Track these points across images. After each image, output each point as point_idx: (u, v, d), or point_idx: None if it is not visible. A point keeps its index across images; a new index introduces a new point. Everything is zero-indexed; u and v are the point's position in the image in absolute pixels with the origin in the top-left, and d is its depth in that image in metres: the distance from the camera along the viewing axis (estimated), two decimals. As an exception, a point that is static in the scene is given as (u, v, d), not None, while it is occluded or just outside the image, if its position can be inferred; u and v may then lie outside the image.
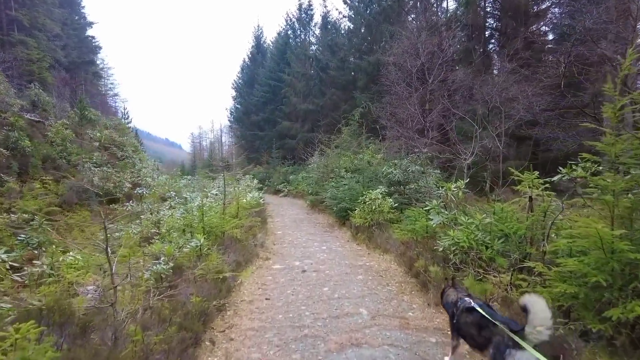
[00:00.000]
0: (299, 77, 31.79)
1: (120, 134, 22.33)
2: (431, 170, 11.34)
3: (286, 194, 24.14)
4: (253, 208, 10.26)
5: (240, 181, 18.97)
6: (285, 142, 31.83)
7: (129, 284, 4.54)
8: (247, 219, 8.76)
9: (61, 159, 15.57)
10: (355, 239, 9.24)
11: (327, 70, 28.14)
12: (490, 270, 5.20)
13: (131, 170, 19.35)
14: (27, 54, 25.66)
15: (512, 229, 5.02)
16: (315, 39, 34.65)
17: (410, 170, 11.20)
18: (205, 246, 6.18)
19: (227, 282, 5.35)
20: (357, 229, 9.35)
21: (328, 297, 5.28)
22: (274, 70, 35.99)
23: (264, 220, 11.29)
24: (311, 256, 7.83)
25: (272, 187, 27.12)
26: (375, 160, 13.89)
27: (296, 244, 9.03)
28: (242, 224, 8.22)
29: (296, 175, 25.19)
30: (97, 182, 14.94)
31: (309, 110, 29.76)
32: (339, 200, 11.24)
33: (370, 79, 24.92)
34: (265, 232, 9.94)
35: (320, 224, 12.07)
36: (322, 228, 11.25)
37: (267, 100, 36.04)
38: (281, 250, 8.39)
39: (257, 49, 42.94)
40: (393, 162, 11.85)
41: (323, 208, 14.08)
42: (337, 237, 9.91)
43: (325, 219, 13.06)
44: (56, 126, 16.15)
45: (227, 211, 8.46)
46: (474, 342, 2.93)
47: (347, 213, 10.87)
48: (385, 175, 11.49)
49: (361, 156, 14.30)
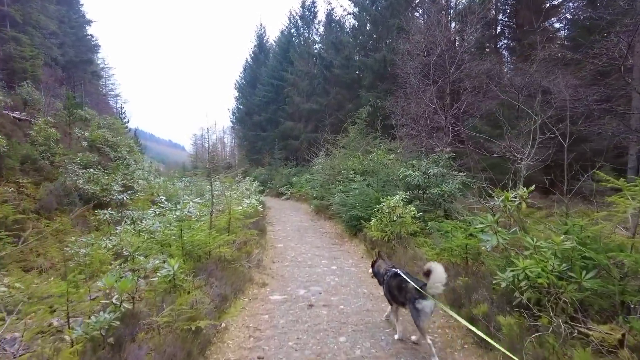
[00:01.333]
0: (302, 76, 30.22)
1: (114, 134, 20.70)
2: (455, 172, 9.66)
3: (289, 197, 22.47)
4: (250, 218, 8.57)
5: (240, 184, 17.34)
6: (288, 142, 30.23)
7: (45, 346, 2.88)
8: (241, 232, 7.08)
9: (43, 160, 13.94)
10: (370, 256, 7.55)
11: (331, 68, 26.60)
12: (582, 318, 3.52)
13: (124, 172, 17.74)
14: (19, 50, 24.12)
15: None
16: (318, 37, 33.11)
17: (431, 173, 9.52)
18: (181, 273, 4.51)
19: (203, 335, 3.68)
20: (373, 243, 7.67)
21: (347, 356, 3.60)
22: (276, 70, 34.38)
23: (263, 230, 9.62)
24: (319, 280, 6.14)
25: (274, 190, 25.45)
26: (387, 161, 12.22)
27: (300, 262, 7.35)
28: (233, 239, 6.55)
29: (299, 177, 23.55)
30: (82, 185, 13.31)
31: (313, 109, 28.20)
32: (349, 208, 9.56)
33: (376, 77, 23.53)
34: (264, 246, 8.26)
35: (327, 233, 10.38)
36: (329, 239, 9.57)
37: (269, 100, 34.44)
38: (282, 271, 6.71)
39: (259, 48, 41.33)
40: (410, 163, 10.16)
41: (330, 214, 12.40)
42: (348, 252, 8.23)
43: (332, 227, 11.38)
44: (39, 124, 14.52)
45: (216, 223, 6.80)
46: (399, 300, 3.92)
47: (360, 223, 9.18)
48: (403, 179, 9.81)
49: (372, 156, 12.62)
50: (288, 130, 30.11)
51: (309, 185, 18.96)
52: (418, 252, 6.40)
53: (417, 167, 10.04)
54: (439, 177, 9.50)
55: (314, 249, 8.44)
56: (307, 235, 10.05)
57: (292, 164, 28.24)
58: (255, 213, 9.21)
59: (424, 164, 9.84)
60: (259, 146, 35.19)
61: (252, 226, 8.11)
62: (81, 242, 7.59)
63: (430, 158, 10.12)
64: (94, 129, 19.02)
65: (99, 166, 16.71)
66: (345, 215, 9.67)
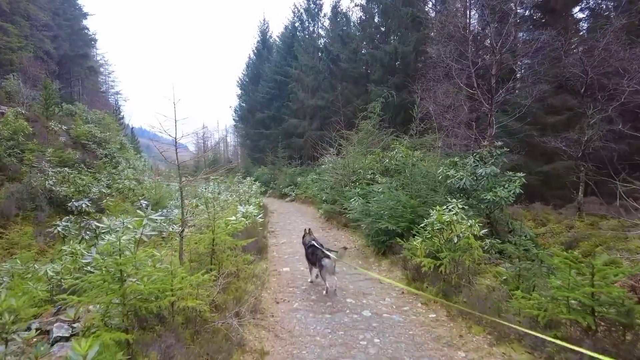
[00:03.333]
0: (307, 70, 27.82)
1: (103, 130, 18.36)
2: (510, 172, 7.24)
3: (293, 199, 20.07)
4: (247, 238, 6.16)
5: (239, 185, 14.99)
6: (292, 141, 27.82)
7: None
8: (229, 260, 4.68)
9: (10, 157, 11.60)
10: (412, 293, 5.15)
11: (338, 62, 24.29)
12: None
13: (111, 171, 15.40)
14: (6, 41, 21.80)
15: None
16: (324, 31, 30.60)
17: (481, 173, 7.11)
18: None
19: None
20: (419, 272, 5.27)
21: None
22: (280, 65, 31.95)
23: (264, 248, 7.22)
24: (349, 343, 3.72)
25: (277, 191, 23.08)
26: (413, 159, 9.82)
27: (315, 301, 4.91)
28: (216, 275, 4.16)
29: (304, 177, 21.14)
30: (52, 187, 10.97)
31: (318, 106, 25.83)
32: (374, 218, 7.14)
33: (386, 71, 21.35)
34: (264, 273, 5.84)
35: (346, 250, 7.95)
36: (350, 259, 7.14)
37: (272, 96, 32.01)
38: (289, 321, 4.30)
39: (262, 44, 38.80)
40: (452, 161, 7.74)
41: (344, 222, 10.03)
42: (380, 282, 5.79)
43: (350, 239, 8.99)
44: (6, 116, 12.16)
45: (193, 249, 4.43)
46: (313, 261, 5.39)
47: (390, 238, 6.80)
48: (443, 180, 7.41)
49: (393, 154, 10.18)
50: (292, 128, 27.72)
51: (315, 186, 16.58)
52: (502, 304, 4.01)
53: (461, 165, 7.63)
54: (491, 179, 7.10)
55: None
56: None
57: (296, 163, 25.87)
58: (253, 228, 6.82)
59: (471, 161, 7.43)
60: (261, 145, 32.76)
61: (248, 245, 5.70)
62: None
63: (476, 154, 7.69)
64: (79, 124, 16.64)
65: (82, 165, 14.42)
66: (369, 227, 7.25)
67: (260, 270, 5.80)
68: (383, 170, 10.43)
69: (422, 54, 20.03)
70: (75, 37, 31.36)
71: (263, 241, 7.60)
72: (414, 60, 20.09)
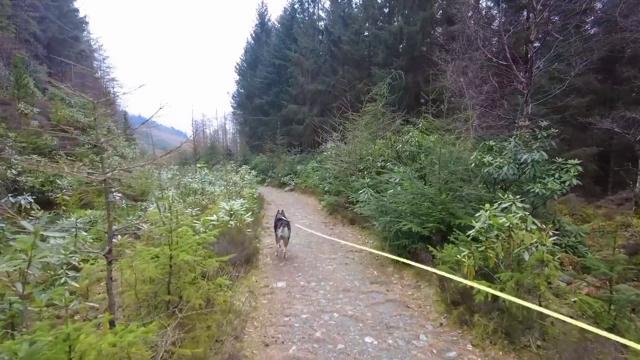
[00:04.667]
0: (307, 53, 25.94)
1: (88, 114, 16.67)
2: (559, 159, 5.65)
3: (293, 188, 18.49)
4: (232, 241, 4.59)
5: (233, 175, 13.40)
6: (291, 127, 26.12)
7: None
8: (193, 289, 3.13)
9: (-31, 143, 9.99)
10: (456, 325, 3.63)
11: (339, 44, 22.45)
12: None
13: (91, 159, 13.79)
14: (-16, 20, 19.91)
15: None
16: (325, 12, 28.60)
17: (526, 160, 5.54)
18: None
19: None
20: (463, 296, 3.75)
21: None
22: (279, 49, 29.96)
23: (253, 254, 5.66)
24: None
25: (276, 179, 21.48)
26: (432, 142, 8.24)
27: (320, 342, 3.42)
28: (165, 323, 2.62)
29: (304, 165, 19.54)
30: (14, 177, 9.40)
31: (319, 91, 24.08)
32: (392, 216, 5.58)
33: (391, 53, 19.60)
34: (250, 290, 4.31)
35: (356, 255, 6.40)
36: (363, 269, 5.52)
37: (271, 81, 30.12)
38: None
39: (261, 27, 36.61)
40: (487, 145, 6.14)
41: (351, 217, 8.50)
42: (407, 305, 4.22)
43: (359, 238, 7.46)
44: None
45: (141, 269, 2.88)
46: (276, 229, 6.13)
47: (414, 242, 5.26)
48: (478, 168, 5.83)
49: (407, 137, 8.55)
50: (291, 114, 25.97)
51: (316, 175, 15.00)
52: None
53: (499, 151, 6.05)
54: (537, 167, 5.52)
55: (340, 295, 4.49)
56: (324, 260, 6.06)
57: (296, 151, 24.24)
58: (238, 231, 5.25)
59: (511, 145, 5.84)
60: (260, 132, 30.99)
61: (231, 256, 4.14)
62: None
63: (515, 136, 6.08)
64: (59, 108, 14.95)
65: (61, 152, 12.81)
66: (386, 228, 5.66)
67: (246, 289, 4.27)
68: (395, 157, 8.83)
69: (429, 34, 18.42)
70: (64, 19, 29.27)
71: (254, 244, 6.03)
72: (420, 41, 18.42)
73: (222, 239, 4.47)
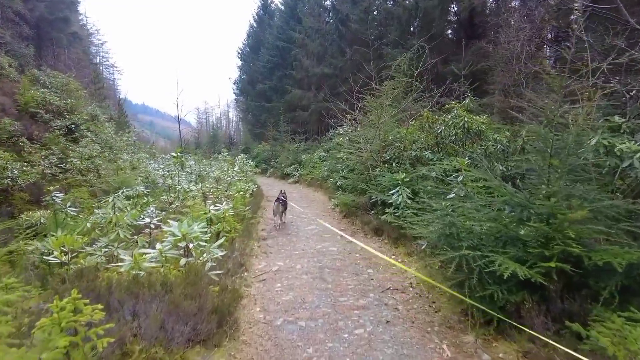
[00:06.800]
0: (312, 34, 23.33)
1: (67, 96, 14.33)
2: None
3: (297, 180, 16.16)
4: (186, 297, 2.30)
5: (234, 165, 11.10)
6: (295, 114, 23.68)
7: None
8: None
9: None
10: None
11: (347, 23, 19.97)
12: None
13: (67, 147, 11.52)
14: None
15: None
16: (331, -8, 25.86)
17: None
18: None
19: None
20: None
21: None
22: (282, 30, 27.27)
23: (238, 295, 3.35)
24: None
25: (278, 170, 19.16)
26: (484, 125, 5.86)
27: None
28: None
29: (310, 154, 17.18)
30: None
31: (325, 74, 21.60)
32: (470, 245, 3.23)
33: (405, 30, 17.01)
34: None
35: (396, 294, 4.07)
36: (418, 336, 3.22)
37: (274, 65, 27.51)
38: None
39: (264, 9, 33.73)
40: (613, 123, 3.73)
41: (375, 225, 6.17)
42: None
43: (389, 255, 5.13)
44: None
45: None
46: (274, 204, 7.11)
47: (513, 293, 2.93)
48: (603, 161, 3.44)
49: (452, 117, 6.15)
50: (296, 100, 23.51)
51: (324, 166, 12.66)
52: None
53: (630, 131, 3.65)
54: None
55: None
56: (348, 310, 3.63)
57: (300, 139, 21.85)
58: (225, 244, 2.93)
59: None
60: (263, 119, 28.55)
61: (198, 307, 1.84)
62: None
63: None
64: (27, 88, 12.60)
65: (23, 138, 10.59)
66: (459, 262, 3.27)
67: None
68: (433, 144, 6.46)
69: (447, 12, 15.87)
70: (53, -2, 26.57)
71: (231, 308, 3.50)
72: (438, 17, 15.88)
73: (155, 305, 2.17)
